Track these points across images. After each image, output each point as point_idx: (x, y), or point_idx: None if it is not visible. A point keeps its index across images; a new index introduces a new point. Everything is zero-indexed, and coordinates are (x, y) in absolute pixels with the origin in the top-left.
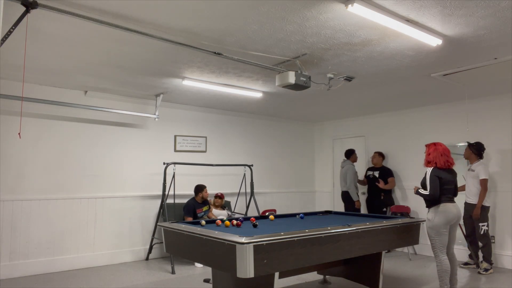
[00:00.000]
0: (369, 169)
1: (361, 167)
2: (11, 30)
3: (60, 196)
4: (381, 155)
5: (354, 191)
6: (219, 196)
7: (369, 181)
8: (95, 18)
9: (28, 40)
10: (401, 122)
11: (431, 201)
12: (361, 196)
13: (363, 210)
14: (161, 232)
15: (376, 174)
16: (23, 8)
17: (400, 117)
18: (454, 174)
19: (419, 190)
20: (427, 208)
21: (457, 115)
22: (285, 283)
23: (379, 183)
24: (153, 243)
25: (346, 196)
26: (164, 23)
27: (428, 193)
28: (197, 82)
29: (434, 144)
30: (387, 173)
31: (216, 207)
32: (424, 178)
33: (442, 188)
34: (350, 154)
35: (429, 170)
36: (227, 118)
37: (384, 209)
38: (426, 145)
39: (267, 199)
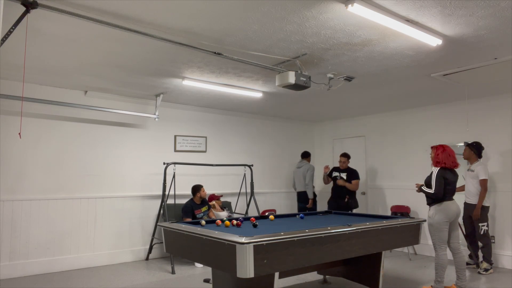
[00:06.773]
0: (334, 169)
1: (361, 168)
2: (11, 30)
3: (60, 196)
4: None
5: (311, 189)
6: (218, 198)
7: (335, 182)
8: (95, 18)
9: (28, 40)
10: (401, 122)
11: (434, 199)
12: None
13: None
14: (161, 232)
15: (344, 175)
16: (23, 8)
17: (400, 117)
18: (456, 175)
19: (422, 187)
20: (428, 206)
21: (457, 115)
22: (285, 283)
23: (340, 182)
24: (153, 243)
25: (305, 197)
26: (164, 23)
27: (433, 192)
28: (197, 82)
29: (442, 146)
30: (353, 175)
31: (219, 208)
32: (430, 177)
33: (445, 188)
34: (308, 155)
35: (435, 170)
36: (227, 118)
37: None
38: (433, 147)
39: (267, 199)
